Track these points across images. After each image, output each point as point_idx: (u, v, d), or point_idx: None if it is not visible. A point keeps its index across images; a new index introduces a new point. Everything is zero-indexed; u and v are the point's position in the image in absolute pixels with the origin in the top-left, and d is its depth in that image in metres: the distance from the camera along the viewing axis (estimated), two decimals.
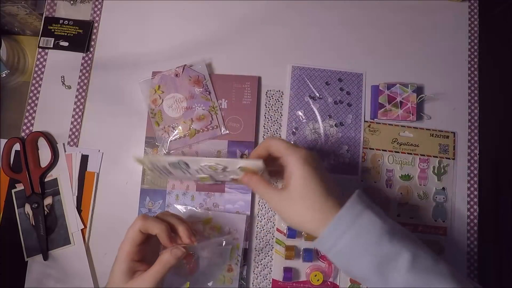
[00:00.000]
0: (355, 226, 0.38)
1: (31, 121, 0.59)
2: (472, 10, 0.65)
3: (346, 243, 0.38)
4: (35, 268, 0.55)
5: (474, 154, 0.61)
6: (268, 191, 0.43)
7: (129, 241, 0.42)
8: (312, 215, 0.40)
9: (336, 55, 0.63)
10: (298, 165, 0.40)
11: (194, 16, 0.63)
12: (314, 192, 0.40)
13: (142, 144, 0.59)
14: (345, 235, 0.38)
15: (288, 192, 0.41)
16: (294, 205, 0.41)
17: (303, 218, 0.41)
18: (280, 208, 0.42)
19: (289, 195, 0.41)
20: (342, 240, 0.38)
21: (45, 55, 0.61)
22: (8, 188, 0.57)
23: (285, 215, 0.43)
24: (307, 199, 0.40)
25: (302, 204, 0.40)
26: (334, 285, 0.56)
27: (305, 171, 0.40)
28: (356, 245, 0.38)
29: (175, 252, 0.42)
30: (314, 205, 0.40)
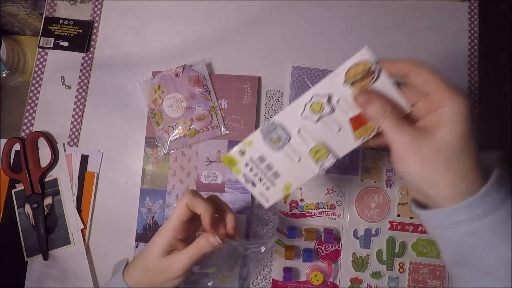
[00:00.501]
0: (503, 209, 0.31)
1: (31, 121, 0.59)
2: (472, 10, 0.65)
3: (488, 224, 0.31)
4: (35, 268, 0.55)
5: None
6: (401, 125, 0.33)
7: (176, 215, 0.41)
8: (456, 178, 0.31)
9: (336, 55, 0.62)
10: (461, 116, 0.32)
11: (194, 16, 0.63)
12: (471, 154, 0.32)
13: (142, 144, 0.59)
14: (490, 216, 0.31)
15: (435, 138, 0.32)
16: (437, 159, 0.31)
17: (439, 177, 0.32)
18: (408, 156, 0.32)
19: (436, 142, 0.32)
20: (485, 220, 0.31)
21: (45, 55, 0.61)
22: (8, 188, 0.57)
23: (411, 164, 0.33)
24: (460, 159, 0.31)
25: (449, 161, 0.31)
26: (334, 285, 0.56)
27: (468, 124, 0.32)
28: (499, 230, 0.31)
29: (212, 241, 0.40)
30: (463, 169, 0.31)
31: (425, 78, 0.33)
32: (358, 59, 0.34)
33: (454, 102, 0.32)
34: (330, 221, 0.58)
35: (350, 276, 0.56)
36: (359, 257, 0.57)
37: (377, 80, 0.34)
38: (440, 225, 0.33)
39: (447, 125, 0.32)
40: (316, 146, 0.36)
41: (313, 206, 0.58)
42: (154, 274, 0.42)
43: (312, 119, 0.36)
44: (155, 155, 0.58)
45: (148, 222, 0.57)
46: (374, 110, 0.33)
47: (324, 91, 0.35)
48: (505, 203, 0.31)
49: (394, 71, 0.34)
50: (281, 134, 0.37)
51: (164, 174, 0.58)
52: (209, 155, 0.59)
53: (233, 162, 0.38)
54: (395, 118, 0.33)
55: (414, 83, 0.34)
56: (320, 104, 0.35)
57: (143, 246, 0.56)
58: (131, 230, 0.57)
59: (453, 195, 0.32)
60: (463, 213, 0.31)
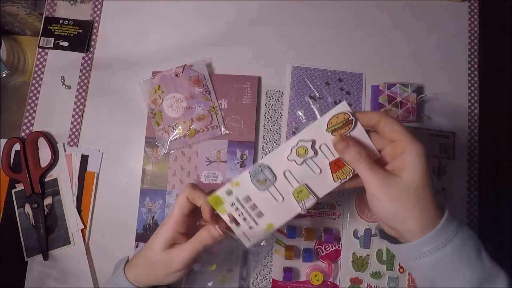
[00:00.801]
0: (459, 237, 0.36)
1: (31, 121, 0.59)
2: (472, 10, 0.65)
3: (448, 253, 0.35)
4: (35, 268, 0.55)
5: (474, 154, 0.61)
6: (373, 168, 0.37)
7: (177, 208, 0.42)
8: (420, 213, 0.36)
9: (336, 55, 0.63)
10: (421, 159, 0.37)
11: (194, 16, 0.63)
12: (429, 192, 0.37)
13: (142, 144, 0.59)
14: (449, 244, 0.36)
15: (401, 180, 0.36)
16: (404, 197, 0.36)
17: (407, 214, 0.36)
18: (379, 194, 0.37)
19: (402, 183, 0.36)
20: (445, 249, 0.35)
21: (45, 55, 0.61)
22: (8, 188, 0.57)
23: (383, 203, 0.37)
24: (421, 197, 0.36)
25: (414, 199, 0.36)
26: (334, 285, 0.56)
27: (426, 166, 0.37)
28: (459, 257, 0.36)
29: (213, 232, 0.41)
30: (426, 205, 0.36)
31: (390, 128, 0.38)
32: (338, 111, 0.39)
33: (415, 147, 0.37)
34: (330, 221, 0.58)
35: (350, 276, 0.56)
36: (359, 257, 0.57)
37: (354, 129, 0.39)
38: (409, 256, 0.38)
39: (411, 167, 0.37)
40: (299, 187, 0.40)
41: (313, 206, 0.58)
42: (156, 267, 0.42)
43: (297, 162, 0.39)
44: (155, 155, 0.58)
45: (148, 222, 0.57)
46: (351, 155, 0.38)
47: (309, 137, 0.39)
48: (459, 233, 0.36)
49: (366, 121, 0.39)
50: (268, 175, 0.40)
51: (164, 174, 0.58)
52: (209, 155, 0.59)
53: (219, 201, 0.40)
54: (369, 162, 0.38)
55: (381, 131, 0.39)
56: (305, 148, 0.39)
57: (143, 246, 0.56)
58: (131, 230, 0.57)
59: (419, 229, 0.36)
60: (427, 245, 0.36)
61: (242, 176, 0.40)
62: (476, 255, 0.36)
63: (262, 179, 0.40)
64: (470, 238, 0.36)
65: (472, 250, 0.36)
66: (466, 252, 0.36)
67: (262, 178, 0.40)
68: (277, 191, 0.40)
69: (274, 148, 0.60)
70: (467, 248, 0.36)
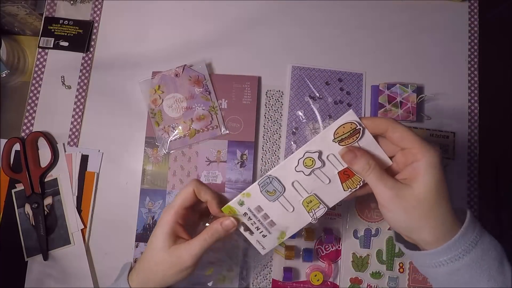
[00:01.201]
0: (479, 246, 0.34)
1: (31, 121, 0.59)
2: (472, 10, 0.65)
3: (466, 264, 0.34)
4: (35, 268, 0.55)
5: (474, 154, 0.61)
6: (384, 179, 0.36)
7: (180, 199, 0.41)
8: (435, 225, 0.35)
9: (336, 55, 0.63)
10: (434, 168, 0.35)
11: (194, 16, 0.63)
12: (444, 202, 0.35)
13: (142, 144, 0.59)
14: (467, 255, 0.34)
15: (413, 190, 0.35)
16: (417, 209, 0.35)
17: (421, 224, 0.35)
18: (390, 206, 0.36)
19: (414, 194, 0.35)
20: (463, 260, 0.34)
21: (45, 55, 0.61)
22: (8, 188, 0.57)
23: (395, 215, 0.36)
24: (435, 208, 0.35)
25: (428, 210, 0.35)
26: (334, 285, 0.56)
27: (441, 175, 0.35)
28: (480, 268, 0.34)
29: (227, 224, 0.39)
30: (441, 217, 0.35)
31: (400, 135, 0.36)
32: (345, 120, 0.38)
33: (427, 156, 0.35)
34: (330, 221, 0.58)
35: (350, 276, 0.56)
36: (359, 257, 0.57)
37: (361, 138, 0.38)
38: (425, 264, 0.37)
39: (423, 177, 0.35)
40: (308, 197, 0.40)
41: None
42: (164, 268, 0.40)
43: (305, 173, 0.39)
44: (155, 155, 0.58)
45: (148, 222, 0.57)
46: (360, 166, 0.37)
47: (316, 148, 0.39)
48: (479, 243, 0.35)
49: (373, 128, 0.38)
50: (277, 186, 0.40)
51: (164, 174, 0.58)
52: (209, 155, 0.59)
53: (232, 211, 0.40)
54: (378, 173, 0.36)
55: (391, 139, 0.37)
56: (312, 159, 0.39)
57: (143, 246, 0.56)
58: (131, 230, 0.57)
59: (435, 240, 0.35)
60: (443, 255, 0.35)
61: (252, 187, 0.40)
62: (497, 266, 0.34)
63: (272, 190, 0.40)
64: (492, 248, 0.35)
65: (493, 261, 0.34)
66: (486, 263, 0.34)
67: (271, 189, 0.40)
68: (287, 201, 0.40)
69: (274, 148, 0.60)
70: (488, 258, 0.34)
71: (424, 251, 0.36)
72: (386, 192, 0.36)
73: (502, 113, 0.98)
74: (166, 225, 0.40)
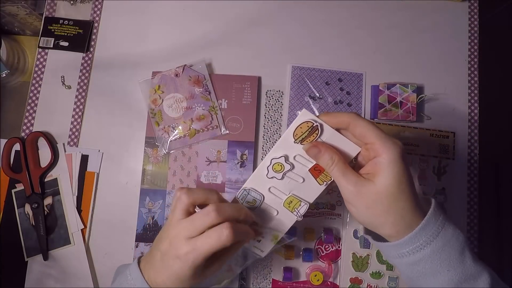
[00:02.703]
0: (440, 238, 0.35)
1: (31, 121, 0.59)
2: (472, 10, 0.65)
3: (427, 254, 0.35)
4: (35, 268, 0.55)
5: (474, 154, 0.61)
6: (346, 174, 0.37)
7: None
8: (395, 219, 0.36)
9: (336, 55, 0.63)
10: (395, 163, 0.35)
11: (194, 16, 0.63)
12: (406, 196, 0.35)
13: (142, 144, 0.59)
14: (428, 246, 0.35)
15: (374, 186, 0.35)
16: (378, 204, 0.35)
17: (382, 220, 0.36)
18: (354, 202, 0.37)
19: (375, 190, 0.35)
20: (424, 251, 0.35)
21: (45, 55, 0.61)
22: (8, 188, 0.57)
23: (358, 210, 0.37)
24: (397, 203, 0.35)
25: (388, 206, 0.35)
26: (334, 285, 0.56)
27: (402, 169, 0.35)
28: (439, 258, 0.35)
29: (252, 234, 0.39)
30: (401, 211, 0.35)
31: (361, 130, 0.37)
32: (300, 121, 0.39)
33: (387, 151, 0.35)
34: (330, 221, 0.58)
35: (350, 276, 0.56)
36: (359, 257, 0.57)
37: (322, 134, 0.39)
38: (390, 255, 0.38)
39: (383, 173, 0.35)
40: (288, 198, 0.41)
41: (313, 206, 0.58)
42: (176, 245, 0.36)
43: (277, 177, 0.41)
44: (155, 155, 0.58)
45: (148, 222, 0.57)
46: (324, 161, 0.38)
47: (281, 153, 0.40)
48: (441, 234, 0.35)
49: (336, 123, 0.38)
50: (255, 196, 0.41)
51: (164, 174, 0.58)
52: (209, 155, 0.59)
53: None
54: (341, 168, 0.37)
55: (353, 134, 0.38)
56: (280, 164, 0.40)
57: (143, 246, 0.56)
58: (131, 230, 0.57)
59: (396, 233, 0.36)
60: (405, 246, 0.36)
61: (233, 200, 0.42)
62: (458, 256, 0.35)
63: (252, 200, 0.41)
64: (454, 238, 0.36)
65: (454, 251, 0.35)
66: (446, 253, 0.35)
67: (251, 200, 0.41)
68: (270, 207, 0.42)
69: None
70: (449, 249, 0.35)
71: (387, 243, 0.37)
72: (349, 188, 0.36)
73: (502, 113, 0.98)
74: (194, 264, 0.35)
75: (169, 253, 0.36)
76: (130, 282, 0.38)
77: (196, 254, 0.35)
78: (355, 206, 0.37)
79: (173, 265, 0.36)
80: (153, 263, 0.38)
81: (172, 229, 0.37)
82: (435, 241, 0.35)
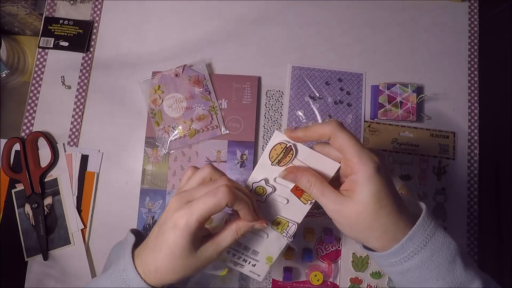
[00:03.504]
0: (429, 247, 0.34)
1: (31, 121, 0.59)
2: (472, 10, 0.65)
3: (415, 264, 0.35)
4: (35, 268, 0.55)
5: (474, 154, 0.61)
6: (326, 194, 0.36)
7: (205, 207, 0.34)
8: (379, 234, 0.35)
9: (336, 55, 0.63)
10: (371, 179, 0.34)
11: (194, 16, 0.63)
12: (388, 211, 0.35)
13: (142, 144, 0.59)
14: (416, 256, 0.34)
15: (353, 204, 0.35)
16: (360, 222, 0.35)
17: (366, 235, 0.36)
18: (337, 219, 0.36)
19: (354, 208, 0.35)
20: (412, 260, 0.35)
21: (45, 55, 0.61)
22: (8, 188, 0.57)
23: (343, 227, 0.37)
24: (378, 219, 0.35)
25: (369, 222, 0.35)
26: (334, 285, 0.56)
27: (379, 185, 0.34)
28: (428, 268, 0.35)
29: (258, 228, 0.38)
30: (384, 226, 0.35)
31: (341, 143, 0.36)
32: (273, 143, 0.38)
33: (362, 169, 0.34)
34: (330, 221, 0.57)
35: (350, 276, 0.56)
36: (359, 257, 0.57)
37: (297, 153, 0.38)
38: (380, 264, 0.38)
39: (360, 190, 0.34)
40: (274, 220, 0.40)
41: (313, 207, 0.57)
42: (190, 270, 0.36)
43: (261, 200, 0.40)
44: (155, 155, 0.58)
45: (148, 222, 0.57)
46: (302, 184, 0.37)
47: (261, 177, 0.39)
48: (429, 244, 0.35)
49: (318, 136, 0.37)
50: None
51: (164, 174, 0.58)
52: (209, 155, 0.59)
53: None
54: (320, 188, 0.36)
55: (334, 146, 0.37)
56: (262, 187, 0.39)
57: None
58: None
59: (382, 246, 0.36)
60: (392, 257, 0.35)
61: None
62: (447, 265, 0.35)
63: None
64: (444, 247, 0.35)
65: (443, 260, 0.35)
66: (435, 263, 0.35)
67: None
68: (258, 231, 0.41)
69: None
70: (438, 258, 0.35)
71: (376, 252, 0.37)
72: (330, 207, 0.36)
73: (502, 113, 0.98)
74: (188, 230, 0.34)
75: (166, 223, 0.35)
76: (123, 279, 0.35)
77: (190, 217, 0.33)
78: (339, 223, 0.37)
79: (168, 236, 0.34)
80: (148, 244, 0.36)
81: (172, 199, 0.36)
82: (423, 251, 0.34)
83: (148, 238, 0.37)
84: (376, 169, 0.34)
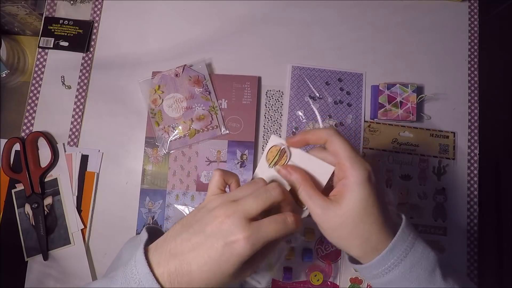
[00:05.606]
0: (409, 259, 0.35)
1: (31, 121, 0.59)
2: (472, 10, 0.65)
3: (396, 276, 0.35)
4: (35, 268, 0.55)
5: (474, 154, 0.61)
6: (313, 197, 0.36)
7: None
8: (361, 242, 0.35)
9: (336, 55, 0.63)
10: (360, 185, 0.35)
11: (194, 16, 0.63)
12: (373, 219, 0.35)
13: (142, 144, 0.59)
14: (397, 268, 0.35)
15: (339, 209, 0.35)
16: (343, 227, 0.35)
17: (348, 242, 0.36)
18: (321, 224, 0.37)
19: (340, 213, 0.35)
20: (393, 272, 0.35)
21: (45, 55, 0.61)
22: (8, 188, 0.57)
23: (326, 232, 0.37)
24: (362, 225, 0.35)
25: (352, 228, 0.35)
26: (334, 285, 0.56)
27: (367, 192, 0.35)
28: (408, 280, 0.35)
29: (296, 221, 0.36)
30: (366, 234, 0.35)
31: (335, 148, 0.36)
32: (270, 145, 0.40)
33: (353, 174, 0.35)
34: None
35: (350, 276, 0.56)
36: None
37: (292, 156, 0.39)
38: (364, 276, 0.39)
39: (349, 195, 0.35)
40: None
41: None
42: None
43: None
44: (155, 155, 0.58)
45: (148, 222, 0.57)
46: (292, 182, 0.38)
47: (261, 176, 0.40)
48: (409, 255, 0.35)
49: (315, 141, 0.38)
50: None
51: (164, 174, 0.58)
52: (209, 155, 0.59)
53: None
54: (308, 191, 0.37)
55: (329, 151, 0.38)
56: None
57: None
58: (131, 230, 0.57)
59: (363, 256, 0.36)
60: (374, 269, 0.36)
61: None
62: (427, 276, 0.35)
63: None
64: (424, 258, 0.35)
65: (423, 271, 0.35)
66: (415, 274, 0.35)
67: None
68: None
69: None
70: (417, 269, 0.35)
71: (359, 265, 0.37)
72: (316, 210, 0.36)
73: (502, 113, 0.98)
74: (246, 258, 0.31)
75: (220, 235, 0.31)
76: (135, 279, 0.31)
77: (257, 238, 0.31)
78: (323, 229, 0.37)
79: (224, 249, 0.31)
80: (183, 249, 0.32)
81: (219, 208, 0.33)
82: (403, 263, 0.35)
83: (183, 244, 0.33)
84: (367, 177, 0.35)
